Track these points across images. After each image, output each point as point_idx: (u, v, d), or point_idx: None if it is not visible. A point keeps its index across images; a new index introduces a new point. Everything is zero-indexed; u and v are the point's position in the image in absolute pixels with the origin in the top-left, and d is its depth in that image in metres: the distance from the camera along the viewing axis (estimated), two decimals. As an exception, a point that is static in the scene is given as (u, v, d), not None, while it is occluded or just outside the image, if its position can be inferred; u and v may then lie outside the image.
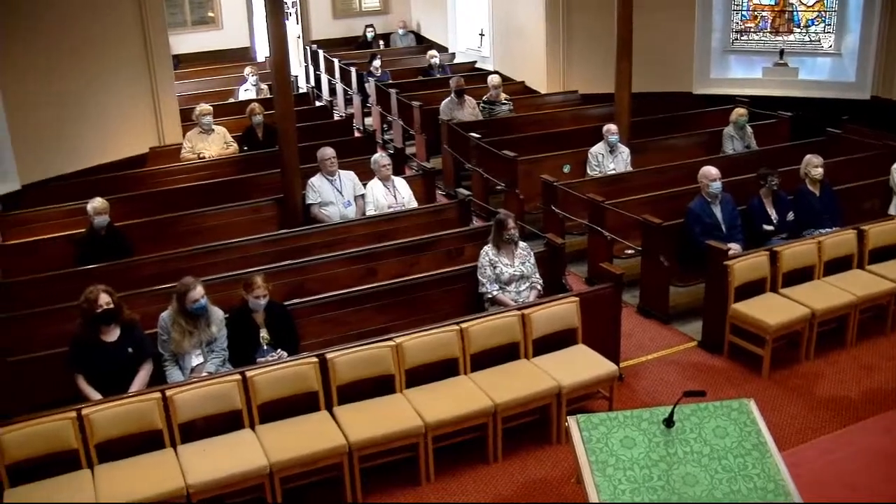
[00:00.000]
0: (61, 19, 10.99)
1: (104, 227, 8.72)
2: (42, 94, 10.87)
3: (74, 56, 11.17)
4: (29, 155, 10.78)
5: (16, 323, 7.28)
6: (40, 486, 5.84)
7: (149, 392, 6.25)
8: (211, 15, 19.86)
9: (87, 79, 11.36)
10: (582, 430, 4.93)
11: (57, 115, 11.07)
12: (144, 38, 12.07)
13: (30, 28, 10.68)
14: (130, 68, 11.95)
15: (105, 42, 11.54)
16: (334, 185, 9.61)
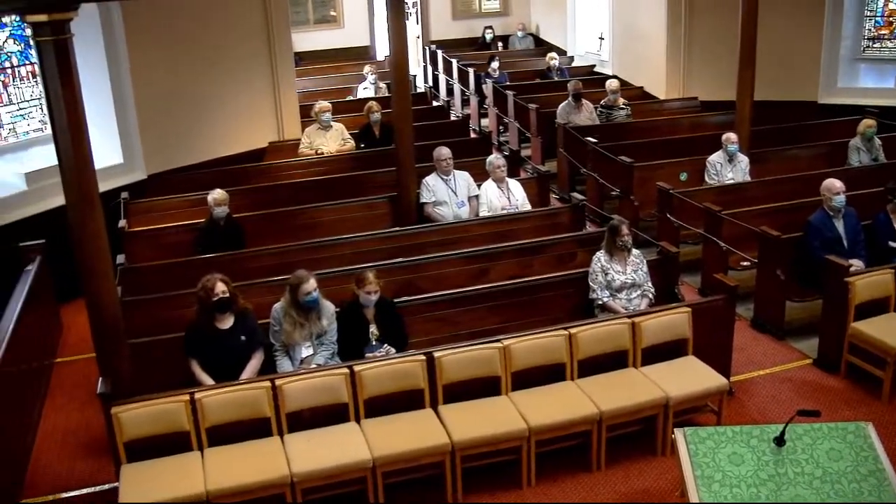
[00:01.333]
0: (190, 16, 11.35)
1: (223, 218, 8.97)
2: (169, 88, 11.23)
3: (201, 52, 11.51)
4: (155, 146, 11.16)
5: (138, 307, 7.54)
6: (153, 463, 6.06)
7: (259, 380, 6.40)
8: (333, 14, 20.22)
9: (212, 74, 11.69)
10: (689, 443, 4.85)
11: (182, 108, 11.42)
12: (268, 35, 12.35)
13: (160, 24, 11.05)
14: (254, 65, 12.24)
15: (231, 39, 11.86)
16: (448, 185, 9.66)
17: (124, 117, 10.94)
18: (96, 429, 7.27)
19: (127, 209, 9.98)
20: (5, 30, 10.81)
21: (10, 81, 10.98)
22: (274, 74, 12.51)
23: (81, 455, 7.30)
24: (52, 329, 9.28)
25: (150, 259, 8.96)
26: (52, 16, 5.57)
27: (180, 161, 11.44)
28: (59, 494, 6.82)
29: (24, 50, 11.00)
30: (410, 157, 9.59)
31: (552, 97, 14.21)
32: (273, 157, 12.25)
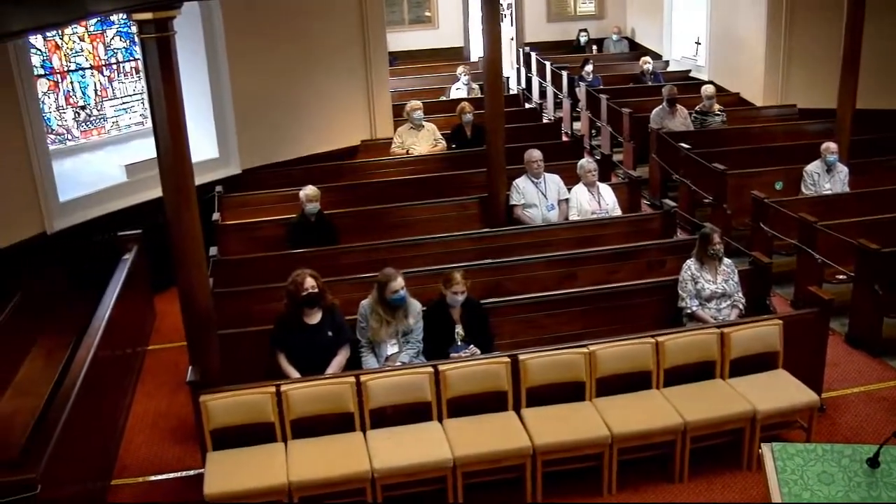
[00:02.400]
0: (288, 15, 11.52)
1: (314, 214, 9.09)
2: (265, 85, 11.42)
3: (297, 50, 11.68)
4: (250, 142, 11.37)
5: (229, 298, 7.70)
6: (238, 452, 6.18)
7: (344, 376, 6.47)
8: (428, 14, 20.32)
9: (307, 72, 11.85)
10: (776, 458, 4.72)
11: (277, 105, 11.61)
12: (364, 35, 12.46)
13: (258, 23, 11.24)
14: (349, 64, 12.37)
15: (327, 38, 12.00)
16: (539, 188, 9.61)
17: (221, 113, 11.19)
18: (184, 416, 7.44)
19: (221, 202, 10.20)
20: (112, 27, 11.17)
21: (115, 77, 11.34)
22: (368, 74, 12.62)
23: (170, 440, 7.49)
24: (145, 317, 9.54)
25: (241, 252, 9.15)
26: (156, 14, 5.73)
27: (274, 157, 11.63)
28: (148, 477, 7.01)
29: (129, 47, 11.34)
30: (501, 159, 9.58)
31: (646, 102, 14.03)
32: (365, 155, 12.38)
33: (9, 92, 8.87)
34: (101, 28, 11.07)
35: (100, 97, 11.19)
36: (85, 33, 10.95)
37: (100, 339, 7.15)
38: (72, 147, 10.89)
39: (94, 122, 11.19)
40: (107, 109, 11.28)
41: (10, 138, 8.88)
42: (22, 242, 8.94)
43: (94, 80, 11.14)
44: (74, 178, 10.11)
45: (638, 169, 13.06)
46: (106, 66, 11.23)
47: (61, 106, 10.84)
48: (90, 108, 11.13)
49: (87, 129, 11.12)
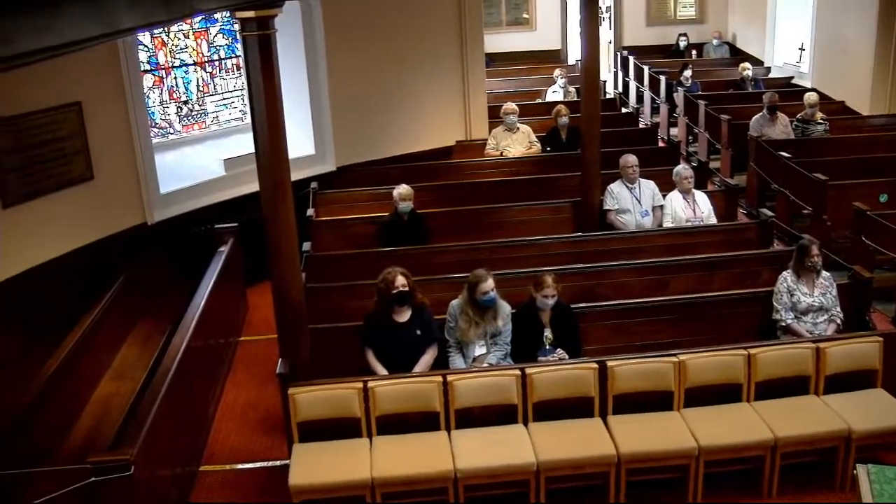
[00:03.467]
0: (386, 15, 11.61)
1: (407, 213, 9.14)
2: (362, 84, 11.53)
3: (395, 50, 11.76)
4: (346, 140, 11.50)
5: (320, 293, 7.80)
6: (324, 446, 6.26)
7: (431, 375, 6.50)
8: (526, 16, 20.27)
9: (404, 72, 11.93)
10: (872, 481, 4.58)
11: (374, 104, 11.71)
12: (461, 35, 12.48)
13: (357, 22, 11.35)
14: (445, 64, 12.41)
15: (424, 38, 12.06)
16: (633, 193, 9.50)
17: (318, 111, 11.34)
18: (273, 407, 7.56)
19: (315, 199, 10.34)
20: (216, 25, 11.43)
21: (217, 73, 11.61)
22: (464, 75, 12.64)
23: (257, 431, 7.62)
24: (238, 308, 9.73)
25: (334, 248, 9.26)
26: (258, 12, 5.84)
27: (369, 155, 11.74)
28: (235, 465, 7.15)
29: (231, 44, 11.60)
30: (596, 163, 9.50)
31: (745, 109, 13.74)
32: (459, 155, 12.41)
33: (117, 86, 9.16)
34: (205, 26, 11.35)
35: (202, 93, 11.48)
36: (190, 31, 11.24)
37: (194, 328, 7.33)
38: (173, 141, 11.19)
39: (196, 117, 11.48)
40: (208, 105, 11.56)
41: (117, 131, 9.17)
42: (124, 231, 9.22)
43: (197, 76, 11.42)
44: (175, 171, 10.38)
45: (735, 177, 12.78)
46: (208, 62, 11.50)
47: (165, 101, 11.16)
48: (192, 104, 11.42)
49: (188, 124, 11.41)
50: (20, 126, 8.15)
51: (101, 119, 8.94)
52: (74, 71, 8.37)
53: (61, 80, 8.29)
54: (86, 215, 8.78)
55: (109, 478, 5.35)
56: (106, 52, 8.83)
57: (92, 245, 8.82)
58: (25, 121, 8.19)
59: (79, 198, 8.74)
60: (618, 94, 17.92)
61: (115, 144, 9.15)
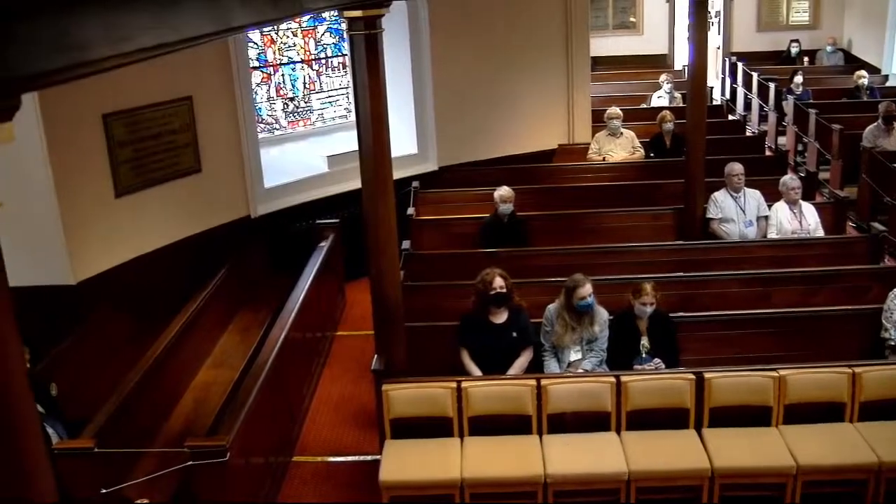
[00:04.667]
0: (492, 16, 11.58)
1: (507, 215, 9.11)
2: (466, 85, 11.55)
3: (499, 52, 11.74)
4: (448, 140, 11.53)
5: (418, 292, 7.84)
6: (415, 443, 6.30)
7: (525, 378, 6.47)
8: (633, 20, 20.04)
9: (508, 74, 11.89)
10: None
11: (477, 105, 11.71)
12: (567, 38, 12.38)
13: (462, 23, 11.36)
14: (550, 67, 12.33)
15: (530, 40, 12.01)
16: (738, 203, 9.28)
17: (422, 110, 11.41)
18: (366, 402, 7.63)
19: (416, 198, 10.40)
20: (323, 24, 11.61)
21: (323, 71, 11.78)
22: (569, 78, 12.55)
23: (350, 425, 7.71)
24: (336, 303, 9.85)
25: (433, 247, 9.31)
26: (366, 11, 5.90)
27: (471, 156, 11.75)
28: (326, 458, 7.24)
29: (337, 43, 11.76)
30: (700, 171, 9.32)
31: (859, 118, 13.27)
32: (561, 159, 12.32)
33: (226, 82, 9.38)
34: (313, 24, 11.54)
35: (308, 90, 11.67)
36: (298, 29, 11.44)
37: (293, 320, 7.46)
38: (279, 136, 11.41)
39: (301, 114, 11.67)
40: (313, 102, 11.74)
41: (225, 126, 9.39)
42: (229, 224, 9.44)
43: (304, 73, 11.62)
44: (279, 167, 10.57)
45: (845, 189, 12.38)
46: (315, 60, 11.69)
47: (272, 97, 11.38)
48: (298, 100, 11.62)
49: (293, 120, 11.62)
50: (134, 118, 8.42)
51: (210, 113, 9.18)
52: (187, 66, 8.61)
53: (174, 75, 8.54)
54: (193, 206, 9.02)
55: (206, 462, 5.48)
56: (217, 48, 9.05)
57: (198, 235, 9.06)
58: (140, 114, 8.46)
59: (187, 189, 8.99)
60: (725, 100, 17.55)
61: (222, 138, 9.37)
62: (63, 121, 7.68)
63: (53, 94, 7.04)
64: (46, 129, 7.52)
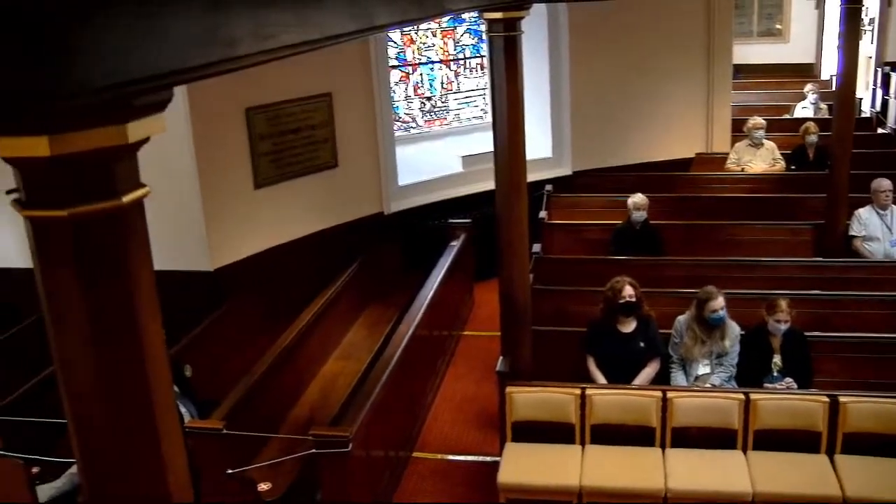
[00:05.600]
0: (632, 21, 11.38)
1: (640, 223, 8.98)
2: (603, 89, 11.44)
3: (638, 57, 11.56)
4: (583, 144, 11.46)
5: (547, 296, 7.81)
6: (535, 447, 6.30)
7: (651, 389, 6.38)
8: (778, 27, 19.45)
9: (646, 80, 11.71)
10: None
11: (613, 110, 11.58)
12: (709, 45, 12.10)
13: (601, 27, 11.23)
14: (689, 74, 12.08)
15: (669, 46, 11.79)
16: (884, 221, 8.88)
17: (558, 114, 11.37)
18: (489, 403, 7.64)
19: (549, 201, 10.37)
20: (463, 25, 11.69)
21: (461, 72, 11.87)
22: (709, 85, 12.27)
23: (471, 424, 7.74)
24: (464, 303, 9.91)
25: (563, 252, 9.28)
26: (506, 14, 5.92)
27: (605, 161, 11.63)
28: (446, 455, 7.29)
29: (476, 44, 11.82)
30: (844, 186, 8.98)
31: None
32: (698, 168, 12.06)
33: (366, 80, 9.56)
34: (452, 25, 11.63)
35: (445, 90, 11.78)
36: (438, 29, 11.56)
37: (421, 317, 7.55)
38: (415, 135, 11.55)
39: (438, 113, 11.79)
40: (450, 102, 11.84)
41: (363, 123, 9.58)
42: (362, 219, 9.63)
43: (442, 73, 11.73)
44: (413, 165, 10.71)
45: None
46: (454, 60, 11.78)
47: (409, 96, 11.53)
48: (435, 100, 11.73)
49: (430, 119, 11.75)
50: (276, 113, 8.67)
51: (348, 110, 9.37)
52: (328, 63, 8.81)
53: (316, 71, 8.76)
54: (328, 201, 9.23)
55: (328, 452, 5.59)
56: (358, 46, 9.23)
57: (331, 229, 9.27)
58: (281, 108, 8.71)
59: (323, 184, 9.20)
60: (875, 113, 16.83)
61: (359, 135, 9.55)
62: (208, 114, 7.98)
63: (200, 88, 7.30)
64: (193, 122, 7.83)
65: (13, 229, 8.54)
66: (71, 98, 1.57)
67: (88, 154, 1.83)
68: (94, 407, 2.07)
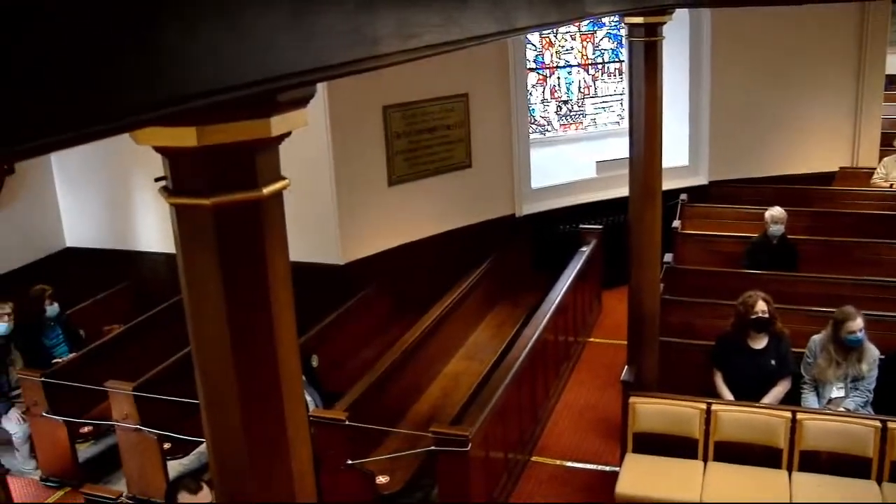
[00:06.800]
0: (776, 27, 11.04)
1: (777, 237, 8.70)
2: (745, 99, 11.11)
3: (783, 66, 11.18)
4: (721, 154, 11.18)
5: (676, 307, 7.68)
6: (656, 460, 6.20)
7: (780, 409, 6.18)
8: (938, 37, 18.52)
9: (791, 87, 11.32)
10: None
11: (754, 120, 11.24)
12: (860, 54, 11.64)
13: (746, 34, 10.92)
14: (837, 82, 11.63)
15: (817, 54, 11.37)
16: None
17: (696, 122, 11.14)
18: (611, 412, 7.55)
19: (683, 211, 10.17)
20: (603, 29, 11.59)
21: (599, 76, 11.77)
22: (858, 96, 11.78)
23: (591, 432, 7.67)
24: (592, 309, 9.82)
25: (696, 263, 9.08)
26: (647, 18, 5.84)
27: (743, 172, 11.31)
28: (564, 462, 7.25)
29: (615, 48, 11.71)
30: None
31: None
32: (842, 182, 11.59)
33: (502, 82, 9.60)
34: (592, 28, 11.55)
35: (582, 94, 11.70)
36: (577, 33, 11.50)
37: (547, 321, 7.53)
38: (549, 138, 11.52)
39: (574, 118, 11.73)
40: (587, 106, 11.76)
41: (498, 125, 9.61)
42: (493, 220, 9.67)
43: (579, 77, 11.66)
44: (546, 168, 10.68)
45: None
46: (592, 65, 11.69)
47: (546, 99, 11.51)
48: (572, 104, 11.67)
49: (566, 123, 11.70)
50: (412, 111, 8.80)
51: (484, 111, 9.42)
52: (465, 64, 8.88)
53: (453, 71, 8.84)
54: (460, 201, 9.31)
55: (447, 450, 5.64)
56: (496, 48, 9.26)
57: (462, 229, 9.35)
58: (418, 107, 8.83)
59: (456, 183, 9.28)
60: None
61: (494, 137, 9.59)
62: (346, 111, 8.16)
63: (339, 85, 7.47)
64: (331, 118, 8.01)
65: (155, 216, 8.95)
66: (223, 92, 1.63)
67: (233, 146, 1.90)
68: (225, 388, 2.15)
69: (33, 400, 7.01)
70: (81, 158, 9.10)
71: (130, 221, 9.44)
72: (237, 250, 2.03)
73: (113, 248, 9.53)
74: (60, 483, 7.14)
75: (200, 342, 2.17)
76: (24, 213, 9.17)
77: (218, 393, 2.19)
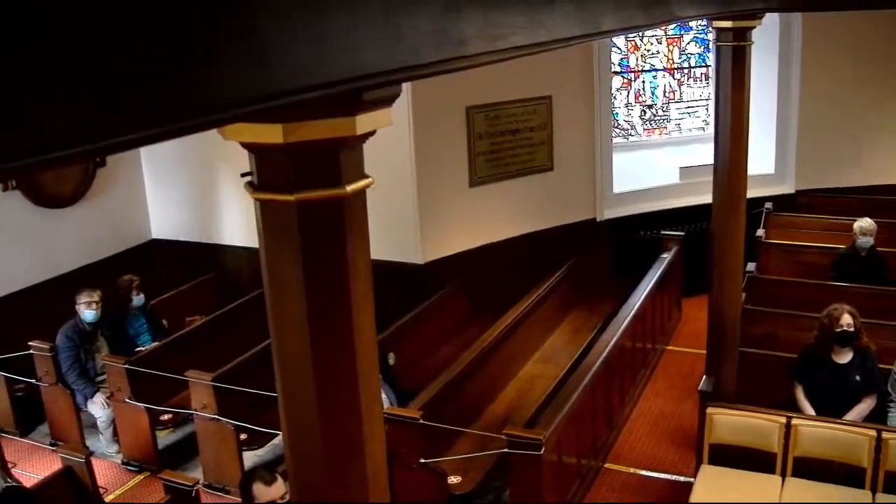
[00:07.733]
0: (871, 35, 10.74)
1: (866, 249, 8.47)
2: (835, 105, 10.82)
3: (876, 72, 10.84)
4: (809, 162, 10.93)
5: (758, 317, 7.55)
6: (732, 473, 6.06)
7: (864, 426, 5.99)
8: None
9: (882, 95, 10.99)
10: None
11: (845, 128, 10.94)
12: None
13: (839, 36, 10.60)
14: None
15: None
16: None
17: (784, 129, 10.91)
18: (687, 422, 7.46)
19: (767, 220, 9.99)
20: (689, 33, 11.43)
21: (685, 81, 11.61)
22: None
23: (667, 442, 7.56)
24: (671, 317, 9.70)
25: (779, 273, 8.90)
26: (736, 23, 5.75)
27: (832, 182, 11.03)
28: (638, 470, 7.16)
29: (702, 53, 11.53)
30: None
31: None
32: (938, 194, 11.24)
33: (586, 85, 9.54)
34: (679, 32, 11.40)
35: (667, 98, 11.56)
36: (663, 37, 11.35)
37: (625, 327, 7.46)
38: (633, 143, 11.41)
39: (658, 122, 11.59)
40: (671, 111, 11.61)
41: (580, 128, 9.57)
42: (574, 224, 9.62)
43: (665, 81, 11.51)
44: (629, 173, 10.57)
45: None
46: (678, 69, 11.55)
47: (630, 103, 11.40)
48: (656, 108, 11.54)
49: (650, 128, 11.58)
50: (496, 113, 8.81)
51: (567, 114, 9.38)
52: (549, 66, 8.84)
53: (536, 73, 8.81)
54: (541, 203, 9.28)
55: (520, 453, 5.62)
56: (580, 51, 9.20)
57: (542, 232, 9.33)
58: (501, 109, 8.83)
59: (537, 186, 9.26)
60: None
61: (577, 140, 9.54)
62: (429, 111, 8.20)
63: (422, 85, 7.50)
64: (414, 118, 8.05)
65: (239, 210, 9.12)
66: (310, 90, 1.65)
67: (318, 143, 1.93)
68: (303, 382, 2.18)
69: (117, 386, 7.21)
70: (169, 152, 9.32)
71: (215, 215, 9.64)
72: (319, 246, 2.06)
73: (197, 241, 9.75)
74: (140, 467, 7.32)
75: (280, 336, 2.20)
76: (113, 204, 9.43)
77: (296, 387, 2.22)
